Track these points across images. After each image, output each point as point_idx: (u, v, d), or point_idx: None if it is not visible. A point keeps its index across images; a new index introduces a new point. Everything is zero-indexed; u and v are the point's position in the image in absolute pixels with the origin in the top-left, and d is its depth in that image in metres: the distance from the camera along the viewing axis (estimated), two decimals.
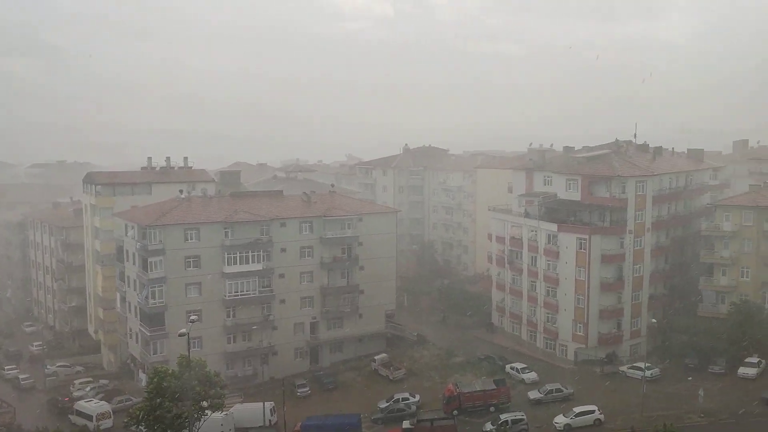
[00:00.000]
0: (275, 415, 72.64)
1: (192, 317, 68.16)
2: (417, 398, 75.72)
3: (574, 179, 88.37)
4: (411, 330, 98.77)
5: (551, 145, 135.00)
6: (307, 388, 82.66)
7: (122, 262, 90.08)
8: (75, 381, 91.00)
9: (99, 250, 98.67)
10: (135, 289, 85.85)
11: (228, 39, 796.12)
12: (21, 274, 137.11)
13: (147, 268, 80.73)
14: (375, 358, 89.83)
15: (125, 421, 63.62)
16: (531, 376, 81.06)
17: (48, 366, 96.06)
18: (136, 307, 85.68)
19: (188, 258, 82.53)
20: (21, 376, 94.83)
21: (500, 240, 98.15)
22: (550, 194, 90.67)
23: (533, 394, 75.08)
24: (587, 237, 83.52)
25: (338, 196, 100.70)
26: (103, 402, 78.67)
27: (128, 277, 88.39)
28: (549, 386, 75.75)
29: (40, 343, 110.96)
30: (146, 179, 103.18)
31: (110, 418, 74.92)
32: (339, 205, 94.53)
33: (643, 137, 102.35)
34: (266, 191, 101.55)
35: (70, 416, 77.42)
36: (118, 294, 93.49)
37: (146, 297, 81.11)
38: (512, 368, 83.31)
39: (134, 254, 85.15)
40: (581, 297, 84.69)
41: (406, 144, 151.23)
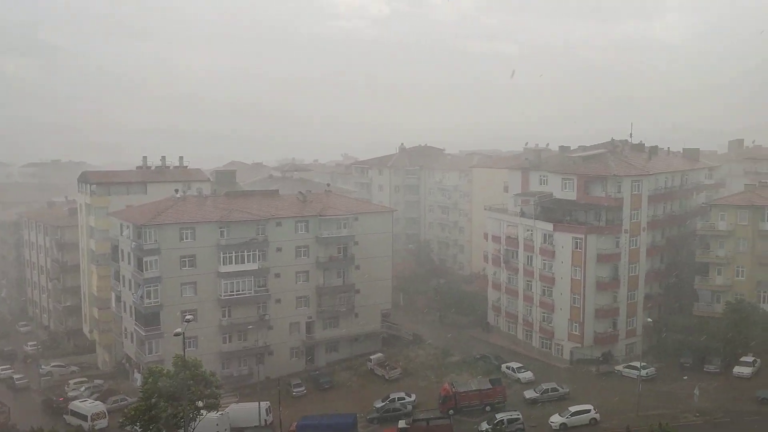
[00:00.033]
0: (271, 415, 72.46)
1: (187, 317, 68.04)
2: (413, 398, 75.62)
3: (570, 179, 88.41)
4: (407, 329, 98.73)
5: (547, 145, 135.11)
6: (303, 388, 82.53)
7: (117, 262, 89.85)
8: (70, 381, 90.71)
9: (94, 250, 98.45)
10: (130, 289, 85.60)
11: (225, 39, 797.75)
12: (16, 274, 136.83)
13: (142, 268, 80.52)
14: (371, 358, 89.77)
15: (120, 421, 63.49)
16: (527, 376, 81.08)
17: (43, 366, 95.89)
18: (131, 307, 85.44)
19: (183, 257, 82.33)
20: (15, 376, 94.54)
21: (496, 239, 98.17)
22: (546, 194, 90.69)
23: (529, 394, 75.07)
24: (583, 236, 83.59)
25: (334, 196, 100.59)
26: (98, 402, 78.42)
27: (123, 277, 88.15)
28: (545, 385, 75.73)
29: (35, 343, 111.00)
30: (141, 179, 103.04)
31: (105, 418, 74.62)
32: (335, 205, 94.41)
33: (640, 137, 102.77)
34: (262, 191, 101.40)
35: (65, 416, 77.11)
36: (113, 293, 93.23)
37: (141, 296, 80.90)
38: (508, 367, 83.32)
39: (129, 254, 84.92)
40: (577, 296, 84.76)
41: (402, 143, 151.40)
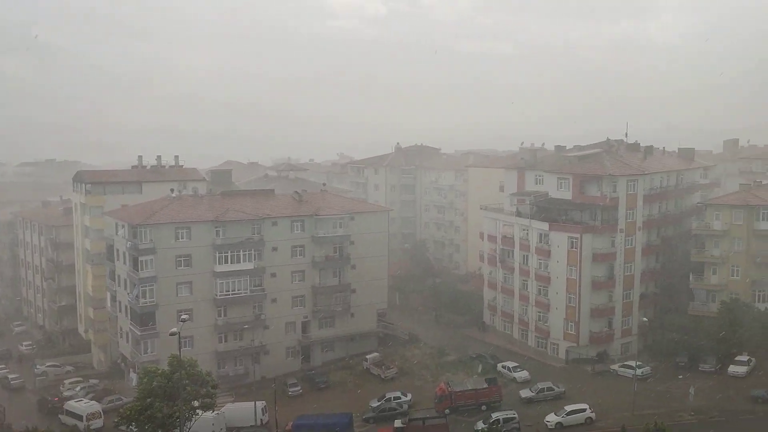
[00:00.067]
0: (267, 415, 72.44)
1: (183, 316, 68.13)
2: (409, 397, 75.65)
3: (566, 178, 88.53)
4: (403, 329, 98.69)
5: (543, 144, 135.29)
6: (299, 388, 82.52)
7: (112, 261, 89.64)
8: (65, 381, 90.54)
9: (89, 249, 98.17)
10: (125, 289, 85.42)
11: (225, 39, 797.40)
12: (10, 274, 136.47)
13: (137, 267, 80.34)
14: (367, 357, 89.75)
15: (115, 421, 63.41)
16: (522, 375, 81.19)
17: (38, 366, 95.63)
18: (127, 307, 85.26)
19: (179, 257, 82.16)
20: (10, 376, 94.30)
21: (492, 239, 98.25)
22: (542, 193, 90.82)
23: (525, 393, 75.17)
24: (578, 236, 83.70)
25: (330, 195, 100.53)
26: (94, 402, 78.33)
27: (119, 276, 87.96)
28: (540, 385, 75.86)
29: (30, 343, 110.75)
30: (137, 178, 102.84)
31: (100, 418, 74.56)
32: (330, 204, 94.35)
33: (637, 136, 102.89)
34: (257, 190, 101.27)
35: (60, 416, 77.01)
36: (109, 293, 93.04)
37: (137, 296, 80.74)
38: (504, 367, 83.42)
39: (125, 253, 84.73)
40: (572, 296, 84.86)
41: (398, 143, 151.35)
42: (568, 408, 68.24)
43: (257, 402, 71.80)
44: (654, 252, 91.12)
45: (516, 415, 67.32)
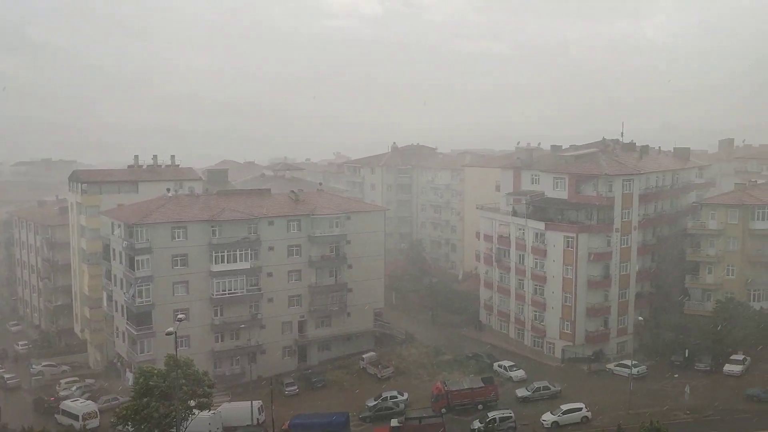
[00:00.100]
0: (263, 414, 72.47)
1: (179, 316, 68.06)
2: (405, 396, 75.68)
3: (562, 178, 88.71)
4: (399, 328, 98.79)
5: (539, 144, 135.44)
6: (295, 387, 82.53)
7: (109, 261, 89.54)
8: (61, 380, 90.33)
9: (85, 249, 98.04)
10: (122, 288, 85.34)
11: (221, 38, 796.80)
12: (6, 273, 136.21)
13: (134, 267, 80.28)
14: (363, 357, 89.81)
15: (112, 421, 63.38)
16: (519, 374, 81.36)
17: (33, 365, 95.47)
18: (123, 306, 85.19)
19: (175, 256, 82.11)
20: (6, 376, 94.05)
21: (488, 238, 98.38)
22: (538, 193, 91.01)
23: (521, 392, 75.31)
24: (574, 235, 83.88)
25: (326, 195, 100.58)
26: (90, 401, 78.23)
27: (115, 276, 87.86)
28: (536, 384, 76.00)
29: (26, 342, 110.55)
30: (133, 177, 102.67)
31: (97, 418, 74.40)
32: (327, 204, 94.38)
33: (635, 136, 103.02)
34: (254, 189, 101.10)
35: (56, 416, 76.80)
36: (105, 293, 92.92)
37: (133, 296, 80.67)
38: (500, 366, 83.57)
39: (121, 253, 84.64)
40: (568, 295, 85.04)
41: (394, 142, 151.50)
42: (564, 407, 68.40)
43: (254, 401, 71.80)
44: (649, 251, 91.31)
45: (512, 414, 67.40)
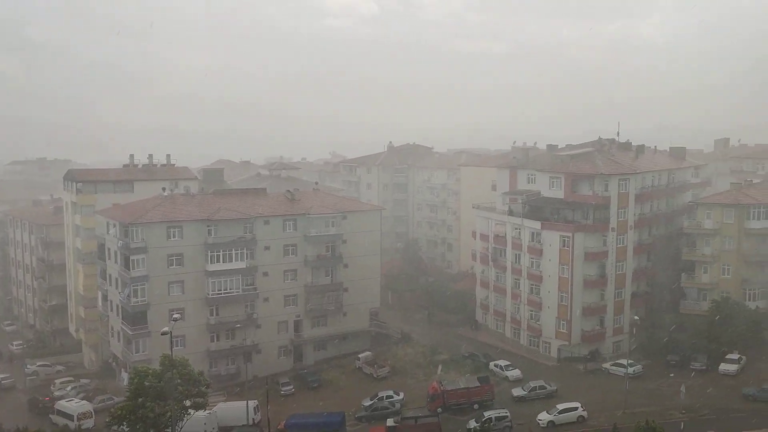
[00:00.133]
0: (259, 414, 72.30)
1: (175, 316, 67.99)
2: (401, 396, 75.66)
3: (558, 177, 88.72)
4: (395, 328, 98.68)
5: (535, 144, 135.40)
6: (291, 387, 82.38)
7: (104, 261, 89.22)
8: (56, 380, 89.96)
9: (80, 248, 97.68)
10: (117, 288, 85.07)
11: (221, 38, 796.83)
12: (1, 273, 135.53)
13: (129, 267, 80.00)
14: (359, 356, 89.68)
15: (107, 421, 63.05)
16: (514, 374, 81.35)
17: (28, 365, 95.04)
18: (118, 306, 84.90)
19: (171, 256, 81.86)
20: (1, 376, 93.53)
21: (484, 238, 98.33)
22: (534, 192, 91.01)
23: (517, 392, 75.34)
24: (570, 234, 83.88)
25: (322, 194, 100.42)
26: (85, 401, 77.93)
27: (110, 276, 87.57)
28: (532, 383, 76.04)
29: (21, 342, 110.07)
30: (128, 177, 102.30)
31: (92, 418, 74.15)
32: (323, 203, 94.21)
33: (632, 136, 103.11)
34: (250, 189, 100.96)
35: (51, 416, 76.53)
36: (100, 292, 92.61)
37: (128, 295, 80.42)
38: (496, 365, 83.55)
39: (116, 252, 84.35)
40: (564, 294, 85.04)
41: (391, 142, 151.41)
42: (560, 406, 68.45)
43: (249, 401, 71.65)
44: (645, 251, 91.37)
45: (508, 414, 67.49)
